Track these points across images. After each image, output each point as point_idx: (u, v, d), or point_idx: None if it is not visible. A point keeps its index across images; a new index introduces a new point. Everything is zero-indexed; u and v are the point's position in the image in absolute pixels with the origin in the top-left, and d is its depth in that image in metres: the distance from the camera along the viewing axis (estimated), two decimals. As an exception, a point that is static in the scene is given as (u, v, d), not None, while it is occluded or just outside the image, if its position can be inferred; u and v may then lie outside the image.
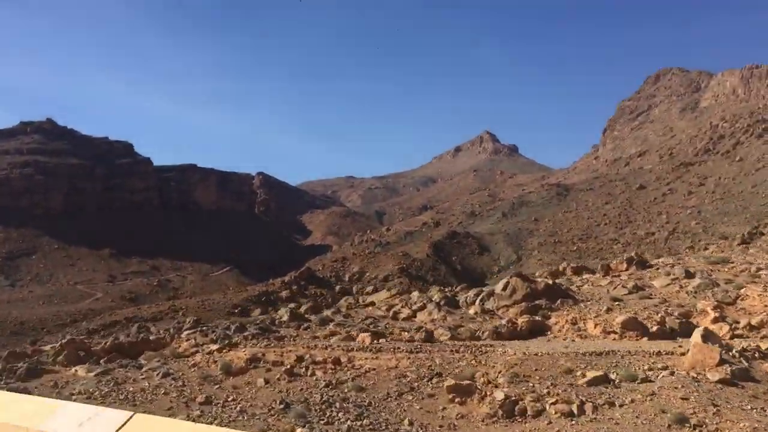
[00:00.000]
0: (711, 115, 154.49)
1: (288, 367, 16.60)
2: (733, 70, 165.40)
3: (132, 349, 21.36)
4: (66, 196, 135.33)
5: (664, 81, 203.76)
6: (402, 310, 25.16)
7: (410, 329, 20.96)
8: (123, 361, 18.62)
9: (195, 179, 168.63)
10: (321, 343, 18.88)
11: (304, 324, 23.81)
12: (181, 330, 24.18)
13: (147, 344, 21.95)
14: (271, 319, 25.30)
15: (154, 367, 17.11)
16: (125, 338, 22.73)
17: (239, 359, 17.60)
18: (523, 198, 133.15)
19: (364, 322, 23.25)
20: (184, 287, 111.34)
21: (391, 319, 24.18)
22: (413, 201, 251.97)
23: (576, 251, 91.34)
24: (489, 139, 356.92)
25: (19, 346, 63.85)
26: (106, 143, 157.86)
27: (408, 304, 26.27)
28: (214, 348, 19.22)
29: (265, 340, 19.85)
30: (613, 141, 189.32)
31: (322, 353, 17.73)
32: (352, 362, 16.96)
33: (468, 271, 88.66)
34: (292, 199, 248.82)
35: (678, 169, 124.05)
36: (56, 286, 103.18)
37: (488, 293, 25.07)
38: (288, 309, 26.83)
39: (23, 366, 17.80)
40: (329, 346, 18.40)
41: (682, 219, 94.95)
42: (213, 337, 20.81)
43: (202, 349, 19.53)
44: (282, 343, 19.52)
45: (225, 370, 16.67)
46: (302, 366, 16.91)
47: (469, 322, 22.13)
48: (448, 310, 24.13)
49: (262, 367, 17.09)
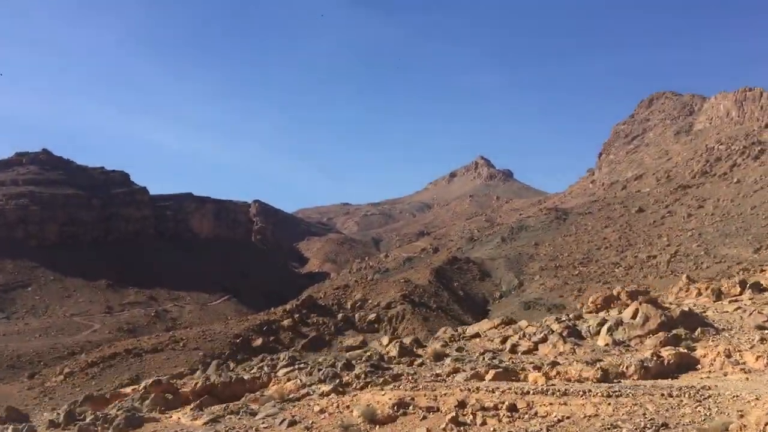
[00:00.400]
0: (706, 137, 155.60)
1: (451, 414, 13.71)
2: (726, 93, 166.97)
3: (225, 390, 19.19)
4: (62, 226, 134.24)
5: (657, 105, 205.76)
6: (520, 342, 22.71)
7: (542, 364, 18.37)
8: (230, 406, 16.47)
9: (191, 208, 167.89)
10: (483, 385, 15.65)
11: (417, 359, 21.30)
12: (276, 367, 21.89)
13: (242, 384, 19.76)
14: (378, 353, 22.41)
15: (272, 414, 14.98)
16: (216, 378, 19.98)
17: (382, 404, 14.80)
18: (522, 222, 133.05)
19: (483, 356, 20.81)
20: (182, 317, 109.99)
21: (509, 352, 21.78)
22: (409, 227, 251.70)
23: (578, 275, 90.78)
24: (484, 164, 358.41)
25: (18, 380, 62.65)
26: (102, 173, 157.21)
27: (525, 335, 23.63)
28: (326, 389, 17.14)
29: (380, 379, 17.57)
30: (609, 164, 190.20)
31: (488, 397, 14.55)
32: (531, 408, 13.94)
33: (470, 297, 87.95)
34: (288, 226, 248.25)
35: (676, 191, 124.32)
36: (52, 318, 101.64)
37: (615, 322, 22.61)
38: (396, 343, 23.79)
39: (120, 414, 15.78)
40: (496, 389, 15.09)
41: (683, 241, 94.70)
42: (320, 376, 18.68)
43: (313, 390, 17.46)
44: (432, 384, 16.47)
45: (368, 418, 14.14)
46: (466, 413, 13.86)
47: (604, 356, 19.56)
48: (574, 341, 21.74)
49: (412, 413, 14.39)
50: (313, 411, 15.07)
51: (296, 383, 18.40)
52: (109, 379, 54.78)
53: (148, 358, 59.76)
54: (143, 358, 59.62)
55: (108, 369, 57.55)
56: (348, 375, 18.48)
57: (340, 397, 15.89)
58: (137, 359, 59.34)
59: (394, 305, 70.74)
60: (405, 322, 67.22)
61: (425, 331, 65.49)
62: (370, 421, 14.02)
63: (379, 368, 19.32)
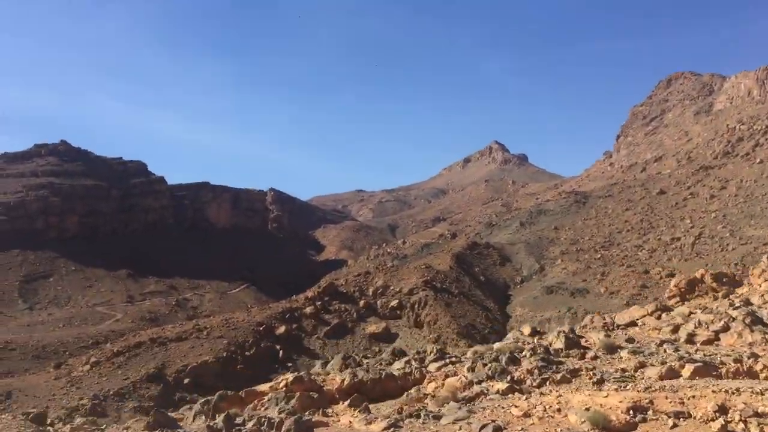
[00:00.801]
0: (727, 117, 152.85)
1: (719, 423, 10.69)
2: (747, 72, 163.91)
3: (375, 387, 17.52)
4: (81, 217, 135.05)
5: (676, 85, 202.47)
6: (697, 332, 20.20)
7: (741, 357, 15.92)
8: (405, 408, 14.64)
9: (208, 197, 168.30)
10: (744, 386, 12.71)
11: (587, 352, 18.97)
12: (423, 362, 19.78)
13: (393, 381, 17.92)
14: (542, 346, 19.86)
15: (462, 417, 12.69)
16: (363, 374, 18.14)
17: (613, 408, 11.99)
18: (540, 206, 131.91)
19: (663, 348, 18.40)
20: (203, 306, 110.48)
21: (686, 343, 19.47)
22: (425, 213, 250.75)
23: (600, 259, 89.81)
24: (498, 149, 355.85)
25: (45, 370, 63.10)
26: (120, 163, 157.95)
27: (701, 323, 21.01)
28: (501, 386, 15.12)
29: (557, 375, 15.72)
30: (628, 147, 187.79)
31: (756, 400, 11.57)
32: None
33: (491, 282, 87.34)
34: (304, 214, 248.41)
35: (698, 173, 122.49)
36: (75, 309, 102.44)
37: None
38: (561, 333, 20.95)
39: (285, 418, 13.45)
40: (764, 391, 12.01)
41: (707, 223, 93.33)
42: (488, 372, 16.59)
43: (486, 388, 15.40)
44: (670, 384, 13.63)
45: (599, 425, 11.33)
46: (731, 420, 10.84)
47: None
48: (763, 330, 19.03)
49: (654, 419, 11.48)
50: (510, 414, 12.78)
51: (461, 380, 16.44)
52: (135, 369, 54.92)
53: (173, 346, 59.78)
54: (168, 347, 59.65)
55: (134, 358, 57.64)
56: (518, 370, 16.61)
57: (542, 398, 13.52)
58: (162, 348, 59.37)
59: (416, 291, 70.30)
60: (428, 308, 66.79)
61: (448, 317, 65.19)
62: (602, 428, 11.39)
63: (550, 362, 17.36)
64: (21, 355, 71.58)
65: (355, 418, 13.68)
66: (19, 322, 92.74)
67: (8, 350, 72.31)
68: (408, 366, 19.30)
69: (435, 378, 17.35)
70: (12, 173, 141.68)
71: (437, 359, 19.87)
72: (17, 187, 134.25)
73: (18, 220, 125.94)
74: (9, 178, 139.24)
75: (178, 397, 51.14)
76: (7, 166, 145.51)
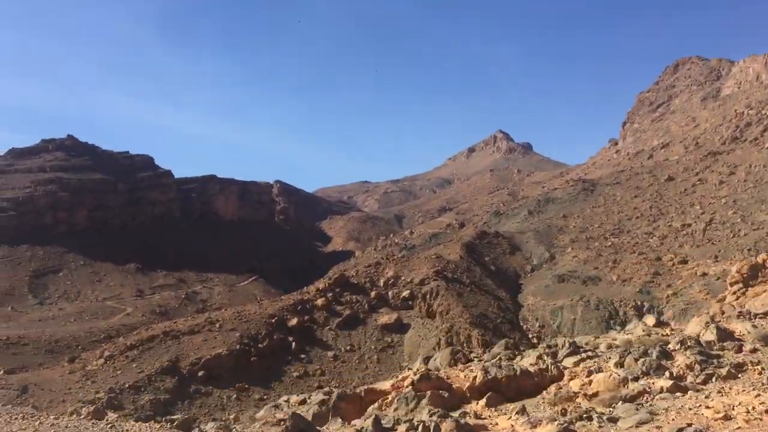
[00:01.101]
0: (735, 102, 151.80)
1: None
2: (755, 56, 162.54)
3: (511, 385, 16.11)
4: (90, 212, 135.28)
5: (683, 71, 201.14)
6: None
7: None
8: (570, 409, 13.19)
9: (215, 190, 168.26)
10: None
11: (744, 345, 16.88)
12: (556, 356, 18.05)
13: (529, 378, 16.30)
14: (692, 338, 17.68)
15: (644, 420, 11.25)
16: (496, 370, 16.67)
17: None
18: (548, 195, 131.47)
19: None
20: (212, 299, 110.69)
21: None
22: (431, 203, 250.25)
23: (611, 246, 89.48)
24: (502, 138, 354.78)
25: (59, 364, 63.34)
26: (127, 157, 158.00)
27: None
28: (664, 384, 13.52)
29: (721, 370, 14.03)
30: (634, 133, 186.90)
31: None
32: None
33: (501, 271, 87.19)
34: (310, 206, 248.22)
35: (706, 158, 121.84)
36: (85, 303, 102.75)
37: None
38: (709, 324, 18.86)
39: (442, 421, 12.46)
40: None
41: (717, 209, 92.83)
42: (642, 369, 14.86)
43: (648, 385, 13.75)
44: None
45: None
46: None
47: None
48: None
49: None
50: (702, 416, 11.25)
51: (613, 377, 14.72)
52: (149, 362, 55.04)
53: (186, 340, 59.89)
54: (181, 340, 59.76)
55: (147, 351, 57.76)
56: (674, 365, 14.91)
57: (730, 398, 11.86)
58: (175, 341, 59.47)
59: (428, 281, 70.16)
60: (439, 298, 66.66)
61: (460, 307, 65.09)
62: None
63: (708, 356, 15.44)
64: (34, 349, 71.85)
65: (516, 421, 12.43)
66: (30, 317, 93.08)
67: (21, 345, 72.60)
68: (541, 361, 17.59)
69: (576, 374, 15.71)
70: (20, 169, 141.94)
71: (572, 353, 18.02)
72: (25, 182, 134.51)
73: (27, 215, 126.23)
74: (17, 174, 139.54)
75: (193, 389, 51.35)
76: (15, 161, 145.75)
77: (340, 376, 56.06)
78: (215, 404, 49.70)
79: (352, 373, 56.63)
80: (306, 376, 55.45)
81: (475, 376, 16.29)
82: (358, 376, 56.14)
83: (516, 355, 18.90)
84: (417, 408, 14.58)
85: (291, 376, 55.04)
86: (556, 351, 18.46)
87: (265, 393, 52.17)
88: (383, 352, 59.55)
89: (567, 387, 15.22)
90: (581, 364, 16.49)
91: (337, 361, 58.18)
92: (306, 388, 53.86)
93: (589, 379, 15.09)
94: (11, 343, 72.53)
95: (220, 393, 50.86)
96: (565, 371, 16.38)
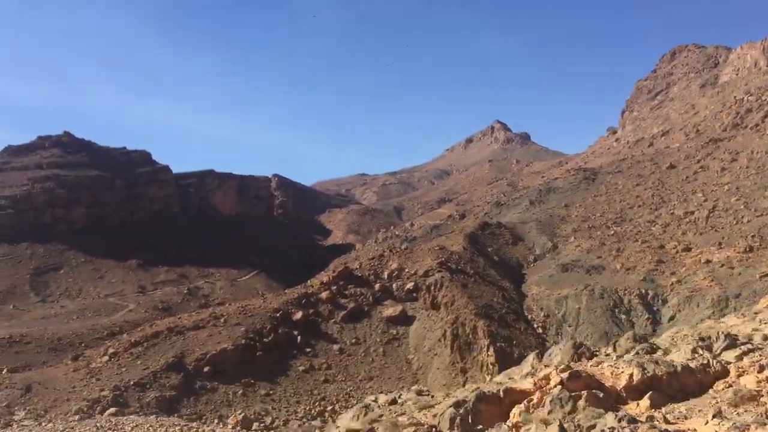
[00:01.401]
0: (734, 89, 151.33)
1: None
2: (753, 43, 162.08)
3: (672, 382, 14.65)
4: (88, 208, 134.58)
5: (680, 58, 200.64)
6: None
7: None
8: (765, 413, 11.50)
9: (213, 185, 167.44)
10: None
11: None
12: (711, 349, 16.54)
13: (690, 376, 14.65)
14: None
15: None
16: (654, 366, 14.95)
17: None
18: (549, 184, 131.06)
19: None
20: (214, 294, 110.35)
21: None
22: (430, 195, 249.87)
23: (614, 235, 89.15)
24: (500, 128, 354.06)
25: (62, 362, 62.94)
26: (124, 153, 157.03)
27: None
28: None
29: None
30: (633, 122, 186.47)
31: None
32: None
33: (504, 262, 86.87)
34: (308, 199, 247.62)
35: (707, 145, 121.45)
36: (87, 300, 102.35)
37: None
38: None
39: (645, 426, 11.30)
40: None
41: (720, 196, 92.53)
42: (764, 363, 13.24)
43: None
44: None
45: None
46: None
47: None
48: None
49: None
50: None
51: None
52: (153, 358, 54.63)
53: (191, 335, 59.49)
54: (185, 336, 59.35)
55: (152, 348, 57.36)
56: None
57: None
58: (180, 337, 59.07)
59: (432, 273, 69.74)
60: (444, 290, 66.23)
61: (465, 298, 64.72)
62: None
63: None
64: (37, 348, 71.49)
65: (721, 426, 10.86)
66: (32, 315, 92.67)
67: (24, 343, 72.22)
68: (698, 356, 15.83)
69: (745, 371, 14.10)
70: (17, 166, 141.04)
71: (729, 346, 16.30)
72: (23, 180, 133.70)
73: (25, 213, 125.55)
74: (14, 171, 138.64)
75: (198, 385, 50.99)
76: (12, 159, 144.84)
77: (346, 370, 55.77)
78: (221, 400, 49.36)
79: (358, 366, 56.34)
80: (312, 370, 55.13)
81: (631, 374, 14.63)
82: (364, 369, 55.88)
83: (655, 349, 17.16)
84: (575, 410, 13.26)
85: (297, 371, 54.71)
86: (710, 344, 16.78)
87: (271, 388, 51.88)
88: (389, 344, 59.26)
89: (739, 385, 13.70)
90: (744, 359, 14.97)
91: (342, 354, 57.86)
92: (313, 383, 53.66)
93: (764, 375, 13.56)
94: (14, 341, 72.16)
95: (226, 389, 50.48)
96: (729, 367, 14.82)
